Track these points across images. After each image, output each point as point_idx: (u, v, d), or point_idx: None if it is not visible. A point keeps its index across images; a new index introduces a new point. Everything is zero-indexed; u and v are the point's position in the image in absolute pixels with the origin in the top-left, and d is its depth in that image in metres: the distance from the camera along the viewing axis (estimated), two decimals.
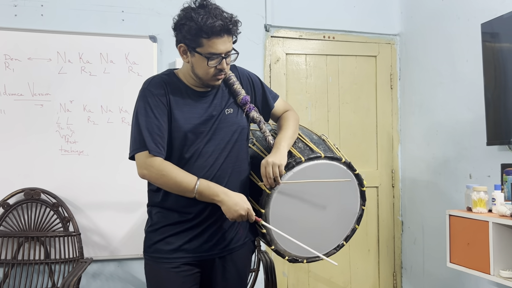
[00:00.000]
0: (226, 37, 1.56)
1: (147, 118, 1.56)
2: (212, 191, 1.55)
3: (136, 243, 2.73)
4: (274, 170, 1.58)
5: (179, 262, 1.60)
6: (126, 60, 2.80)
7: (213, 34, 1.53)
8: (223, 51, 1.56)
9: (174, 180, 1.54)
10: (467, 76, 2.72)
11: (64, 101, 2.71)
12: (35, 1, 2.73)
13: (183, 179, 1.54)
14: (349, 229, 1.82)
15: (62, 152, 2.70)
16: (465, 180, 2.70)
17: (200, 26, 1.52)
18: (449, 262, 2.37)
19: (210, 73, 1.59)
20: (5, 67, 2.64)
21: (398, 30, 3.39)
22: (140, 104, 1.60)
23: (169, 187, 1.57)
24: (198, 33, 1.53)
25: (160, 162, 1.55)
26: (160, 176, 1.54)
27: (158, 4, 2.91)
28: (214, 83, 1.63)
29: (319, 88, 3.27)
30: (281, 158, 1.61)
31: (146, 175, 1.57)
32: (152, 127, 1.55)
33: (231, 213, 1.54)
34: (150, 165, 1.54)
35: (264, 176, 1.60)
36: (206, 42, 1.54)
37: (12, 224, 2.60)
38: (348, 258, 3.30)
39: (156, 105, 1.57)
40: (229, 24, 1.55)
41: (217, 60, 1.57)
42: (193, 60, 1.60)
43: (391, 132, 3.39)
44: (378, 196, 3.38)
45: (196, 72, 1.61)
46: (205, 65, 1.57)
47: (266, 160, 1.60)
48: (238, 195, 1.58)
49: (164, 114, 1.58)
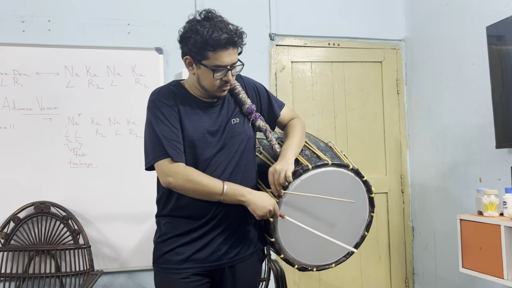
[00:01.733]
0: (231, 50, 1.57)
1: (163, 127, 1.56)
2: (238, 192, 1.57)
3: (146, 254, 2.73)
4: (281, 178, 1.58)
5: (189, 273, 1.60)
6: (132, 72, 2.83)
7: (218, 47, 1.54)
8: (228, 63, 1.57)
9: (201, 183, 1.54)
10: (474, 80, 2.70)
11: (72, 115, 2.74)
12: (42, 17, 2.77)
13: (209, 182, 1.55)
14: (359, 236, 1.80)
15: (71, 165, 2.72)
16: (475, 184, 2.68)
17: (206, 40, 1.52)
18: (461, 267, 2.34)
19: (216, 84, 1.60)
20: (14, 82, 2.67)
21: (403, 35, 3.39)
22: (152, 114, 1.60)
23: (195, 192, 1.56)
24: (203, 46, 1.54)
25: (184, 168, 1.55)
26: (187, 181, 1.54)
27: (163, 16, 2.94)
28: (220, 94, 1.64)
29: (325, 95, 3.27)
30: (288, 165, 1.61)
31: (172, 183, 1.55)
32: (169, 134, 1.56)
33: (259, 210, 1.56)
34: (175, 171, 1.54)
35: (272, 183, 1.61)
36: (212, 55, 1.55)
37: (23, 238, 2.62)
38: (359, 265, 3.28)
39: (169, 114, 1.58)
40: (234, 37, 1.56)
41: (223, 72, 1.58)
42: (199, 72, 1.61)
43: (399, 138, 3.38)
44: (388, 202, 3.35)
45: (202, 83, 1.62)
46: (210, 77, 1.58)
47: (273, 168, 1.61)
48: (262, 193, 1.61)
49: (177, 121, 1.59)
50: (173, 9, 2.96)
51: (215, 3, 2.96)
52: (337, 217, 1.72)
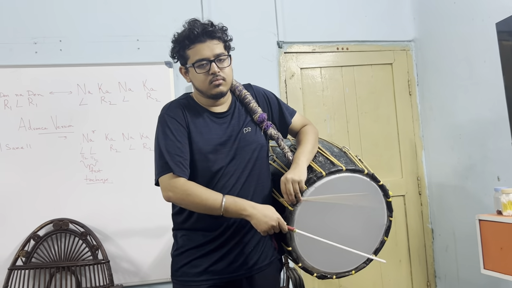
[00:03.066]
0: (209, 42, 1.59)
1: (167, 141, 1.58)
2: (239, 206, 1.54)
3: (164, 267, 2.73)
4: (294, 186, 1.57)
5: (207, 285, 1.60)
6: (144, 87, 2.86)
7: (192, 41, 1.58)
8: (209, 55, 1.58)
9: (199, 198, 1.53)
10: (486, 77, 2.67)
11: (87, 132, 2.77)
12: (54, 37, 2.82)
13: (208, 197, 1.53)
14: (378, 242, 1.77)
15: (87, 181, 2.75)
16: (493, 182, 2.63)
17: (181, 39, 1.60)
18: (483, 268, 2.29)
19: (206, 81, 1.60)
20: (29, 102, 2.72)
21: (412, 36, 3.37)
22: (159, 129, 1.62)
23: (195, 206, 1.56)
24: (181, 46, 1.60)
25: (183, 182, 1.54)
26: (186, 196, 1.53)
27: (171, 31, 2.93)
28: (215, 91, 1.62)
29: (336, 100, 3.26)
30: (300, 173, 1.59)
31: (171, 197, 1.55)
32: (172, 149, 1.56)
33: (261, 226, 1.52)
34: (174, 186, 1.54)
35: (284, 193, 1.59)
36: (191, 52, 1.60)
37: (44, 256, 2.65)
38: (379, 270, 3.24)
39: (175, 128, 1.59)
40: (208, 27, 1.59)
41: (206, 65, 1.58)
42: (190, 77, 1.65)
43: (413, 139, 3.34)
44: (405, 205, 3.31)
45: (197, 86, 1.64)
46: (197, 75, 1.60)
47: (285, 177, 1.59)
48: (266, 207, 1.57)
49: (185, 136, 1.59)
50: (181, 23, 2.94)
51: (221, 14, 3.00)
52: (354, 224, 1.69)
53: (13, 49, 2.77)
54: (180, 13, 2.95)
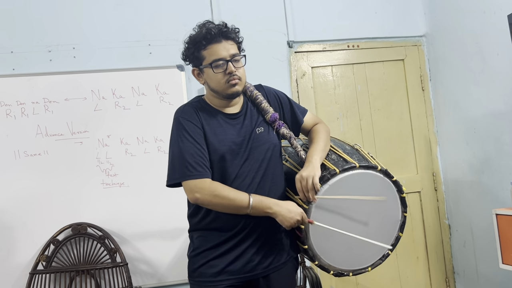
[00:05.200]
0: (224, 42, 1.61)
1: (187, 143, 1.59)
2: (264, 204, 1.58)
3: (182, 268, 2.75)
4: (309, 182, 1.58)
5: (224, 285, 1.61)
6: (156, 91, 2.89)
7: (209, 41, 1.60)
8: (225, 55, 1.60)
9: (227, 198, 1.55)
10: (500, 70, 2.64)
11: (102, 137, 2.81)
12: (67, 45, 2.87)
13: (236, 197, 1.56)
14: (393, 238, 1.78)
15: (104, 186, 2.79)
16: (510, 176, 2.60)
17: (196, 40, 1.61)
18: (501, 263, 2.27)
19: (222, 81, 1.62)
20: (45, 110, 2.77)
21: (424, 31, 3.34)
22: (176, 133, 1.63)
23: (223, 207, 1.58)
24: (196, 48, 1.62)
25: (210, 183, 1.57)
26: (213, 196, 1.55)
27: (182, 34, 2.96)
28: (231, 90, 1.64)
29: (348, 97, 3.25)
30: (314, 170, 1.61)
31: (199, 199, 1.57)
32: (194, 151, 1.58)
33: (287, 221, 1.56)
34: (201, 188, 1.56)
35: (300, 190, 1.61)
36: (207, 53, 1.61)
37: (63, 260, 2.69)
38: (396, 267, 3.22)
39: (193, 131, 1.61)
40: (223, 28, 1.61)
41: (222, 65, 1.60)
42: (205, 78, 1.66)
43: (427, 135, 3.32)
44: (422, 201, 3.29)
45: (212, 87, 1.65)
46: (214, 75, 1.61)
47: (300, 175, 1.61)
48: (288, 203, 1.60)
49: (202, 137, 1.61)
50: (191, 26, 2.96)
51: (231, 17, 3.02)
52: (369, 220, 1.70)
53: (28, 57, 2.83)
54: (190, 16, 2.97)
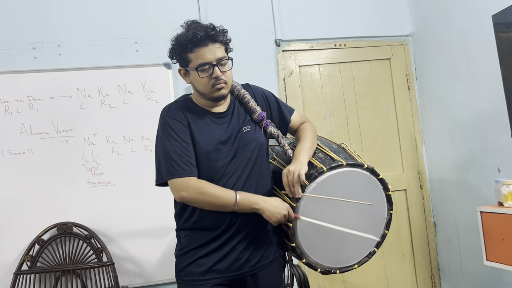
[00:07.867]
0: (211, 45, 1.59)
1: (174, 142, 1.59)
2: (251, 200, 1.59)
3: (169, 268, 2.73)
4: (295, 176, 1.59)
5: (211, 283, 1.61)
6: (143, 89, 2.87)
7: (195, 45, 1.58)
8: (211, 59, 1.59)
9: (214, 195, 1.56)
10: (484, 69, 2.68)
11: (88, 135, 2.78)
12: (52, 42, 2.83)
13: (222, 194, 1.57)
14: (380, 235, 1.79)
15: (90, 185, 2.76)
16: (494, 174, 2.64)
17: (183, 43, 1.59)
18: (485, 260, 2.30)
19: (208, 85, 1.61)
20: (29, 108, 2.73)
21: (410, 31, 3.37)
22: (163, 131, 1.62)
23: (209, 204, 1.58)
24: (183, 49, 1.60)
25: (196, 181, 1.57)
26: (200, 194, 1.56)
27: (169, 32, 2.94)
28: (217, 94, 1.63)
29: (335, 96, 3.27)
30: (301, 165, 1.61)
31: (185, 197, 1.57)
32: (180, 149, 1.58)
33: (274, 217, 1.57)
34: (187, 186, 1.56)
35: (286, 185, 1.61)
36: (193, 56, 1.60)
37: (49, 259, 2.66)
38: (383, 265, 3.25)
39: (179, 129, 1.60)
40: (211, 32, 1.59)
41: (208, 69, 1.59)
42: (191, 79, 1.66)
43: (413, 133, 3.35)
44: (407, 199, 3.32)
45: (197, 88, 1.65)
46: (199, 78, 1.60)
47: (287, 169, 1.61)
48: (274, 199, 1.61)
49: (188, 136, 1.61)
50: (178, 24, 2.95)
51: (218, 15, 3.02)
52: (355, 218, 1.71)
53: (12, 54, 2.78)
54: (178, 14, 2.96)
